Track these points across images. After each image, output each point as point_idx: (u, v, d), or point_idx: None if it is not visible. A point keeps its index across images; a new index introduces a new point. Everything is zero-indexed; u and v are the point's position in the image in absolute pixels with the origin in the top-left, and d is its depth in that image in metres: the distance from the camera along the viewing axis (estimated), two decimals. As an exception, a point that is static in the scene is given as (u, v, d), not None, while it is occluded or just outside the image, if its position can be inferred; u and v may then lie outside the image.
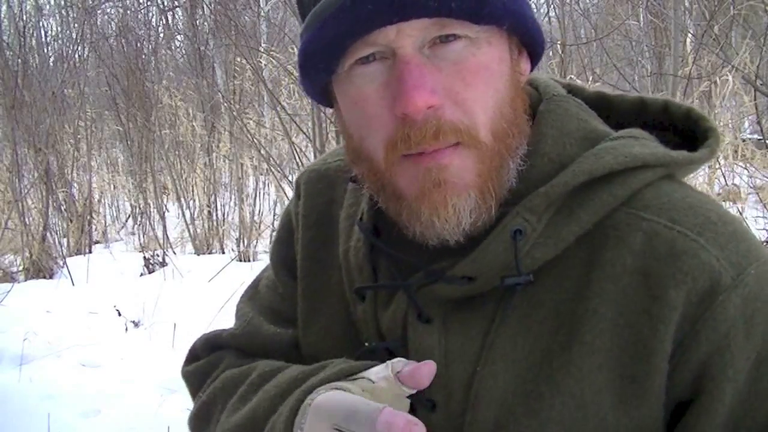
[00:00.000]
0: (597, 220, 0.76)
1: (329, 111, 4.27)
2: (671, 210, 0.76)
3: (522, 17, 0.76)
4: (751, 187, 4.64)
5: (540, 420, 0.75)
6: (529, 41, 0.80)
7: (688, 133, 0.85)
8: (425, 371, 0.74)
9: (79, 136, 7.43)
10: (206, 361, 0.99)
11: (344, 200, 0.94)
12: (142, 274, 5.91)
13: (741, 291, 0.73)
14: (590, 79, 4.83)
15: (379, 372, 0.76)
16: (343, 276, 0.90)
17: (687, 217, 0.76)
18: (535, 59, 0.82)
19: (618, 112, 0.88)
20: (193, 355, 1.03)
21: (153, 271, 5.90)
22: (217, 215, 6.93)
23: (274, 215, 6.85)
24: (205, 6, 7.33)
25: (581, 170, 0.75)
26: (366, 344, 0.86)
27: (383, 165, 0.76)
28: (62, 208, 6.99)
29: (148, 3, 8.68)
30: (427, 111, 0.71)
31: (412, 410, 0.84)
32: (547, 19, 6.93)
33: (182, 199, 6.92)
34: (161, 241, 6.78)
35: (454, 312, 0.80)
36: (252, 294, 1.04)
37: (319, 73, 0.77)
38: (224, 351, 0.99)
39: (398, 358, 0.77)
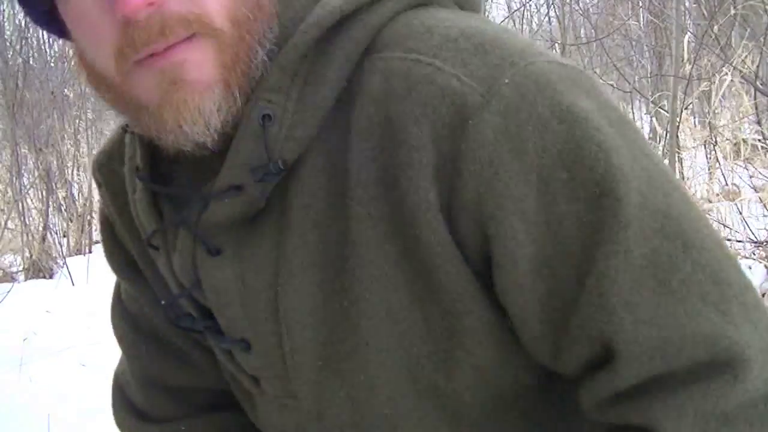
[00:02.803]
0: (347, 76, 0.66)
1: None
2: (407, 39, 0.65)
3: None
4: (751, 187, 4.64)
5: (357, 337, 0.68)
6: None
7: None
8: None
9: (79, 136, 7.43)
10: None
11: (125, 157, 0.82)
12: (142, 274, 5.90)
13: (495, 107, 0.61)
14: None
15: None
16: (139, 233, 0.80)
17: (422, 42, 0.64)
18: None
19: None
20: (131, 405, 0.92)
21: (153, 271, 5.89)
22: (217, 215, 6.92)
23: (274, 215, 6.83)
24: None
25: (309, 25, 0.65)
26: (162, 302, 0.78)
27: (118, 78, 0.66)
28: (62, 208, 6.99)
29: (148, 3, 8.68)
30: (149, 9, 0.62)
31: (233, 358, 0.78)
32: (547, 19, 6.94)
33: (182, 199, 6.91)
34: (161, 241, 6.77)
35: (243, 235, 0.71)
36: (122, 311, 0.92)
37: None
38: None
39: None
